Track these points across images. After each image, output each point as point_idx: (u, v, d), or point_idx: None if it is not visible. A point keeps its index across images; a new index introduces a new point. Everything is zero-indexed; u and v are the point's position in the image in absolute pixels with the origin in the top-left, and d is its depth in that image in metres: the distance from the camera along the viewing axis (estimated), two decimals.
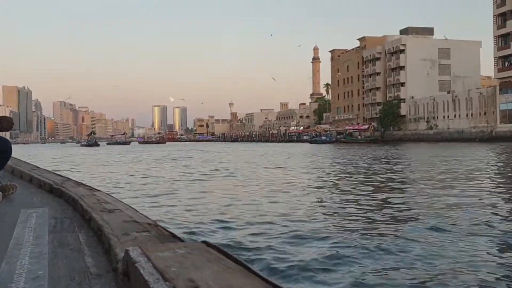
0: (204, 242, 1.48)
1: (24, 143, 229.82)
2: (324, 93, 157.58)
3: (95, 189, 3.84)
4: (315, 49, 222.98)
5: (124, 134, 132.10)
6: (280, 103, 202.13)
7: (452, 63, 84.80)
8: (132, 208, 2.82)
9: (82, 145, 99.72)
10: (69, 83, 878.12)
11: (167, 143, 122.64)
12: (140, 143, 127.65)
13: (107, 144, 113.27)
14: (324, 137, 78.93)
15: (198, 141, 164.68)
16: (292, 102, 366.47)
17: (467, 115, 68.58)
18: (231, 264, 1.22)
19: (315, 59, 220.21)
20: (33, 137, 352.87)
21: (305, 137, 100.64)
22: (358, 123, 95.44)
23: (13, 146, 3.99)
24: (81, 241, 2.30)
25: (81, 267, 1.84)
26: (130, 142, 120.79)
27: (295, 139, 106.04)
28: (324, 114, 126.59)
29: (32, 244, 2.25)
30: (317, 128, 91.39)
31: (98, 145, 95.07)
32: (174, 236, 1.96)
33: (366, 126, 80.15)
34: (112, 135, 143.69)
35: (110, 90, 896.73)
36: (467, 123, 67.82)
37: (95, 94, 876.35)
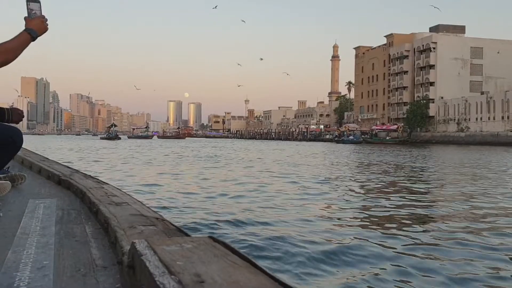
0: (210, 237, 1.47)
1: (39, 134, 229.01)
2: (344, 92, 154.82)
3: (103, 182, 3.81)
4: (335, 47, 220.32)
5: (146, 127, 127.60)
6: (298, 101, 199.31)
7: (485, 63, 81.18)
8: (140, 202, 2.77)
9: (101, 138, 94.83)
10: (87, 76, 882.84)
11: (186, 138, 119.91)
12: (159, 137, 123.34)
13: (128, 137, 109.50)
14: (351, 137, 75.68)
15: (213, 137, 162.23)
16: (310, 100, 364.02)
17: (502, 118, 64.98)
18: (237, 260, 1.23)
19: (335, 57, 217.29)
20: (49, 129, 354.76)
21: (327, 136, 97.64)
22: (383, 123, 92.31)
23: (25, 136, 3.84)
24: (87, 233, 2.29)
25: (87, 259, 1.86)
26: (152, 136, 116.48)
27: (313, 138, 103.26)
28: (346, 113, 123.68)
29: (39, 234, 2.25)
30: (345, 127, 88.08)
31: (119, 138, 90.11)
32: (180, 230, 1.96)
33: (395, 126, 76.69)
34: (133, 128, 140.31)
35: (127, 84, 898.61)
36: (503, 126, 64.26)
37: (112, 88, 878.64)
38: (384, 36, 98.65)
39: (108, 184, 3.69)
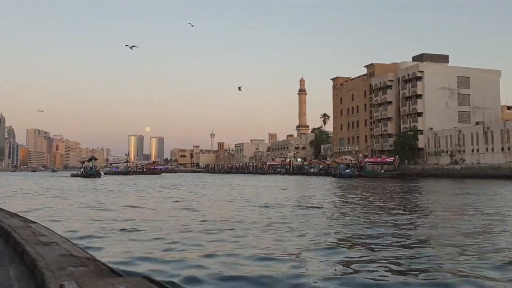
0: (145, 277, 1.41)
1: None
2: (318, 124, 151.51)
3: (31, 220, 3.60)
4: (301, 81, 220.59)
5: (126, 162, 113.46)
6: (269, 134, 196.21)
7: (472, 93, 78.91)
8: (70, 241, 2.64)
9: (73, 175, 76.97)
10: (44, 110, 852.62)
11: (162, 174, 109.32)
12: (133, 173, 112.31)
13: (105, 174, 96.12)
14: (347, 171, 70.52)
15: (181, 171, 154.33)
16: (279, 133, 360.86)
17: (502, 149, 61.71)
18: None
19: (301, 91, 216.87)
20: (4, 165, 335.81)
21: (312, 170, 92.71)
22: (366, 155, 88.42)
23: None
24: (11, 276, 2.11)
25: None
26: (133, 172, 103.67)
27: (297, 171, 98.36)
28: (322, 146, 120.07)
29: None
30: (342, 159, 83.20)
31: (100, 175, 73.75)
32: (113, 271, 1.87)
33: (391, 159, 72.35)
34: (111, 163, 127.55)
35: (86, 119, 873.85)
36: (503, 158, 60.90)
37: (71, 122, 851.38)
38: (364, 66, 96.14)
39: (35, 223, 3.47)
